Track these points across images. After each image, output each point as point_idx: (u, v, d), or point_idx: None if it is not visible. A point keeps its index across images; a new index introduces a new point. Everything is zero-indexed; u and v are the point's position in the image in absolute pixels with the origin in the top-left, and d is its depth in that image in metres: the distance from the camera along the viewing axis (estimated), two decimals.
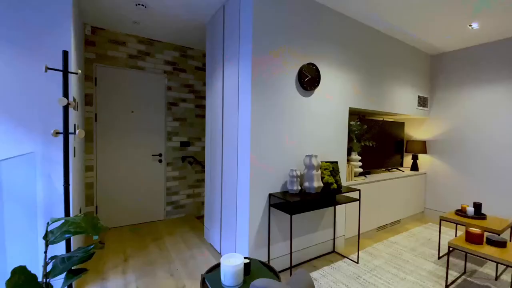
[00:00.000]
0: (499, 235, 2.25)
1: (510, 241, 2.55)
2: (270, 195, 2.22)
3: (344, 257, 2.63)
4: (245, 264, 1.36)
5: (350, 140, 3.06)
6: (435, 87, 3.96)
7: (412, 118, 4.17)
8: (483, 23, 2.86)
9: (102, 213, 3.30)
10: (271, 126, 2.22)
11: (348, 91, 2.83)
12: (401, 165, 3.99)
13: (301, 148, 2.45)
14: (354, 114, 3.50)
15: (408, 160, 4.29)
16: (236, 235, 2.32)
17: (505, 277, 2.28)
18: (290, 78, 2.33)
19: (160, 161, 3.64)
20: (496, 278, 2.27)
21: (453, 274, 2.32)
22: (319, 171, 2.30)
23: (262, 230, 2.21)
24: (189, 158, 3.88)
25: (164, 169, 3.68)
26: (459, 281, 2.22)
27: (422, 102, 3.86)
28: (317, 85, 2.49)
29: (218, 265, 1.52)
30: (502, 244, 1.98)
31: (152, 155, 3.59)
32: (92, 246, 1.32)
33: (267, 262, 2.25)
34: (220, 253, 2.66)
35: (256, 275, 1.41)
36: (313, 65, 2.44)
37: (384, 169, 3.86)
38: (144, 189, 3.54)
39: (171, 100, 3.71)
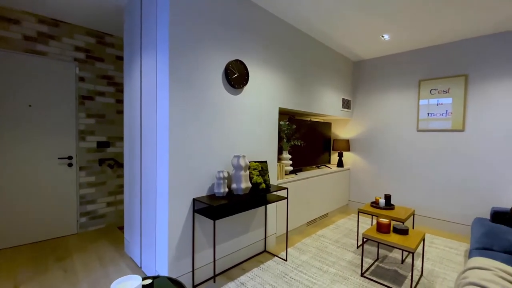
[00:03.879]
0: (403, 223, 2.56)
1: (413, 227, 2.94)
2: (194, 200, 2.04)
3: (274, 255, 2.64)
4: (146, 285, 1.17)
5: (280, 139, 3.11)
6: (356, 91, 4.37)
7: (337, 119, 4.52)
8: (393, 35, 3.24)
9: None
10: (195, 125, 2.05)
11: (278, 91, 2.85)
12: (329, 162, 4.28)
13: (230, 149, 2.34)
14: (284, 114, 3.59)
15: (335, 157, 4.65)
16: (156, 246, 2.08)
17: (409, 260, 2.61)
18: (216, 75, 2.19)
19: (70, 165, 3.07)
20: (402, 261, 2.58)
21: (368, 262, 2.55)
22: (247, 172, 2.23)
23: (185, 238, 2.02)
24: (109, 161, 3.39)
25: (76, 175, 3.12)
26: (372, 267, 2.44)
27: (346, 104, 4.22)
28: (246, 83, 2.41)
29: None
30: (404, 232, 2.24)
31: (59, 158, 3.00)
32: None
33: (191, 272, 2.07)
34: (140, 268, 2.36)
35: None
36: (241, 62, 2.36)
37: (314, 166, 4.08)
38: (49, 198, 2.94)
39: (84, 93, 3.16)
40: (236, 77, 2.31)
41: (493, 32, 3.06)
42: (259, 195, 2.23)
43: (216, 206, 1.82)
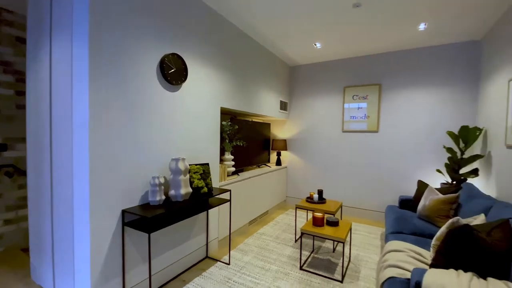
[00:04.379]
0: (333, 215, 2.82)
1: (341, 218, 3.27)
2: (123, 211, 1.78)
3: (217, 260, 2.55)
4: None
5: (222, 140, 3.03)
6: (292, 94, 4.64)
7: (276, 120, 4.71)
8: (324, 44, 3.54)
9: None
10: (124, 124, 1.79)
11: (220, 90, 2.77)
12: (268, 161, 4.43)
13: (167, 151, 2.14)
14: (226, 114, 3.53)
15: (274, 156, 4.84)
16: (75, 269, 1.73)
17: (339, 248, 2.90)
18: (149, 68, 1.96)
19: None
20: (334, 250, 2.84)
21: (305, 254, 2.72)
22: (188, 176, 2.08)
23: (113, 256, 1.75)
24: (7, 168, 2.70)
25: None
26: (309, 259, 2.61)
27: (283, 106, 4.43)
28: (185, 80, 2.25)
29: None
30: (336, 224, 2.46)
31: None
32: None
33: None
34: None
35: None
36: (179, 57, 2.18)
37: (254, 166, 4.14)
38: None
39: None
40: (173, 72, 2.13)
41: (398, 49, 3.67)
42: (201, 200, 2.12)
43: (151, 217, 1.63)
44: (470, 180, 3.25)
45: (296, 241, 3.07)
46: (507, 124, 2.34)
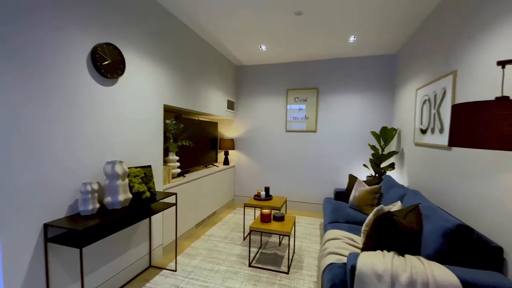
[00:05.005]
0: (279, 210, 2.97)
1: (286, 212, 3.46)
2: (46, 225, 1.51)
3: (162, 268, 2.40)
4: None
5: (166, 140, 2.85)
6: (239, 93, 4.68)
7: (223, 119, 4.68)
8: (269, 47, 3.66)
9: None
10: (45, 122, 1.51)
11: (164, 86, 2.59)
12: (216, 160, 4.37)
13: (102, 153, 1.90)
14: (170, 112, 3.33)
15: (221, 156, 4.80)
16: None
17: (285, 241, 3.06)
18: (78, 58, 1.70)
19: None
20: (279, 244, 2.99)
21: (254, 251, 2.78)
22: (126, 180, 1.89)
23: (34, 279, 1.47)
24: None
25: None
26: (258, 255, 2.69)
27: (230, 105, 4.43)
28: (122, 73, 2.03)
29: None
30: (281, 219, 2.60)
31: None
32: None
33: None
34: None
35: None
36: (115, 47, 1.96)
37: (202, 166, 4.03)
38: None
39: None
40: (108, 64, 1.90)
41: (333, 57, 4.08)
42: (144, 205, 1.95)
43: (83, 230, 1.42)
44: (389, 173, 3.84)
45: (244, 239, 3.11)
46: (415, 125, 2.85)
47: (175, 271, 2.36)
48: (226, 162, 4.51)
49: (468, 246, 1.45)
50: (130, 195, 1.91)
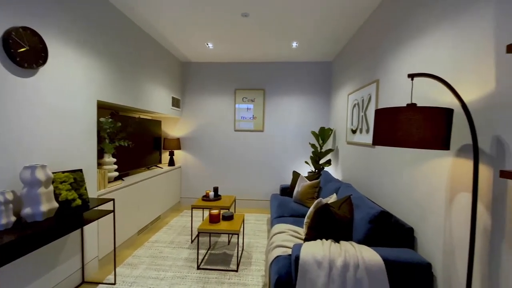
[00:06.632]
0: (229, 209, 2.98)
1: (235, 211, 3.49)
2: None
3: (98, 283, 2.16)
4: None
5: (101, 140, 2.56)
6: (185, 90, 4.51)
7: (168, 117, 4.44)
8: (216, 45, 3.63)
9: None
10: None
11: (98, 80, 2.32)
12: (160, 161, 4.12)
13: (17, 157, 1.59)
14: (105, 108, 3.00)
15: (166, 156, 4.55)
16: None
17: (234, 240, 3.09)
18: None
19: None
20: (229, 242, 3.00)
21: (202, 253, 2.73)
22: (51, 187, 1.64)
23: None
24: None
25: None
26: (206, 257, 2.65)
27: (176, 103, 4.23)
28: (44, 63, 1.74)
29: None
30: (230, 218, 2.62)
31: None
32: None
33: None
34: None
35: None
36: (35, 33, 1.67)
37: (144, 168, 3.75)
38: None
39: None
40: (25, 51, 1.60)
41: (279, 60, 4.28)
42: (74, 215, 1.72)
43: None
44: (326, 168, 4.24)
45: (192, 241, 3.03)
46: (347, 126, 3.22)
47: (114, 284, 2.14)
48: (171, 163, 4.30)
49: (389, 229, 1.72)
50: (56, 204, 1.66)
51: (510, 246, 1.04)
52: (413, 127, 1.14)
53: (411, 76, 1.23)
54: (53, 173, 1.79)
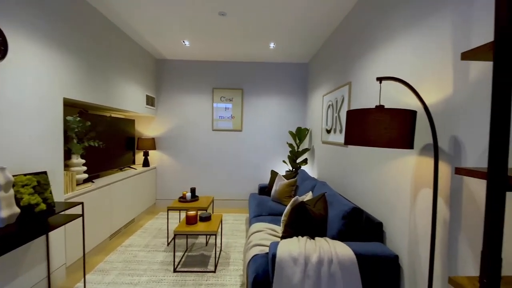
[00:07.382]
0: (206, 210, 2.95)
1: (213, 212, 3.46)
2: None
3: None
4: None
5: (68, 140, 2.41)
6: (160, 89, 4.37)
7: (142, 116, 4.28)
8: (192, 43, 3.56)
9: None
10: None
11: (65, 77, 2.17)
12: (134, 162, 3.97)
13: None
14: (73, 107, 2.83)
15: (140, 157, 4.38)
16: None
17: (212, 240, 3.06)
18: None
19: None
20: (206, 243, 2.97)
21: (179, 255, 2.67)
22: (11, 191, 1.51)
23: None
24: None
25: None
26: (183, 259, 2.60)
27: (150, 101, 4.09)
28: (2, 57, 1.60)
29: None
30: (208, 219, 2.59)
31: None
32: None
33: None
34: None
35: None
36: None
37: (116, 169, 3.59)
38: None
39: None
40: None
41: (257, 60, 4.31)
42: (37, 221, 1.60)
43: None
44: (303, 167, 4.34)
45: (168, 244, 2.95)
46: (322, 126, 3.32)
47: None
48: (146, 163, 4.15)
49: (360, 224, 1.81)
50: (18, 210, 1.53)
51: (466, 235, 1.15)
52: (381, 128, 1.21)
53: (379, 79, 1.30)
54: (13, 176, 1.65)
